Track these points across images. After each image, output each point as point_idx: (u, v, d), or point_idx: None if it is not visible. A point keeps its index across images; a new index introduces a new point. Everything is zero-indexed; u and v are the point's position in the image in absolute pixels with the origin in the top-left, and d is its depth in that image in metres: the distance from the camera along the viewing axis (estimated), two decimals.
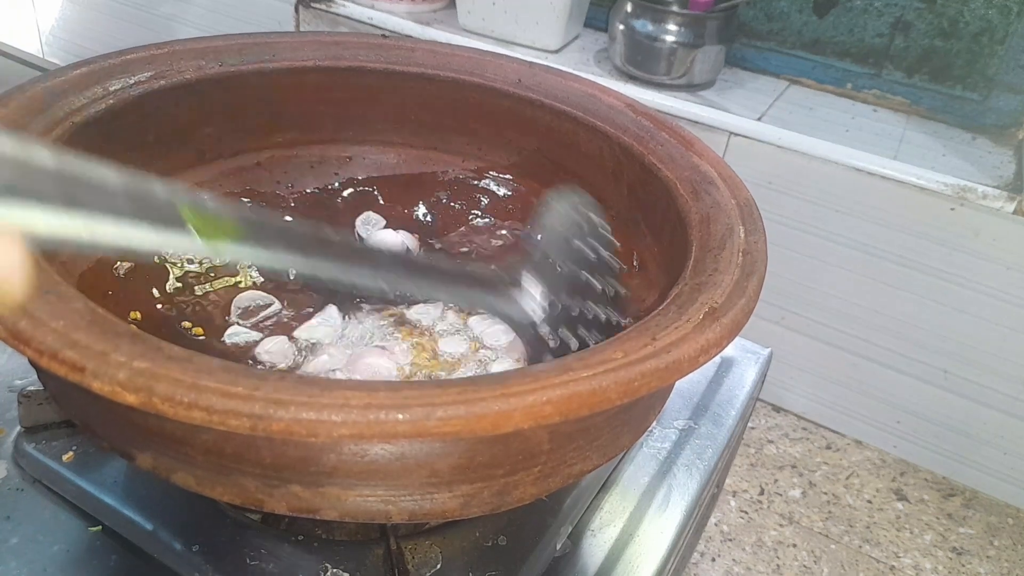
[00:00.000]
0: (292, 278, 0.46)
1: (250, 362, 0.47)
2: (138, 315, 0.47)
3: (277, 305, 0.51)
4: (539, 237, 0.38)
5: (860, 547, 1.20)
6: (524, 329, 0.37)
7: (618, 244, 0.43)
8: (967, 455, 1.30)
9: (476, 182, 0.61)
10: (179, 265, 0.52)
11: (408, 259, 0.31)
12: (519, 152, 0.59)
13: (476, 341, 0.49)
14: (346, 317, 0.50)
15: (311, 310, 0.50)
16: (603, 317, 0.40)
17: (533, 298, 0.36)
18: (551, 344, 0.37)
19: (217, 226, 0.23)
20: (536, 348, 0.38)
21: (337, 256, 0.28)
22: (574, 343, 0.38)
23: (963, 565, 1.19)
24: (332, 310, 0.50)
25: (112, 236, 0.20)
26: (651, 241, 0.51)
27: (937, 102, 1.36)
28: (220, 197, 0.55)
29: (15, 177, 0.17)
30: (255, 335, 0.49)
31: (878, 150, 1.20)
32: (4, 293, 0.16)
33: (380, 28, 1.45)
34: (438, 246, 0.59)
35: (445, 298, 0.34)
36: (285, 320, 0.50)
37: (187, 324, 0.48)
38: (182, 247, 0.23)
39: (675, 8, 1.32)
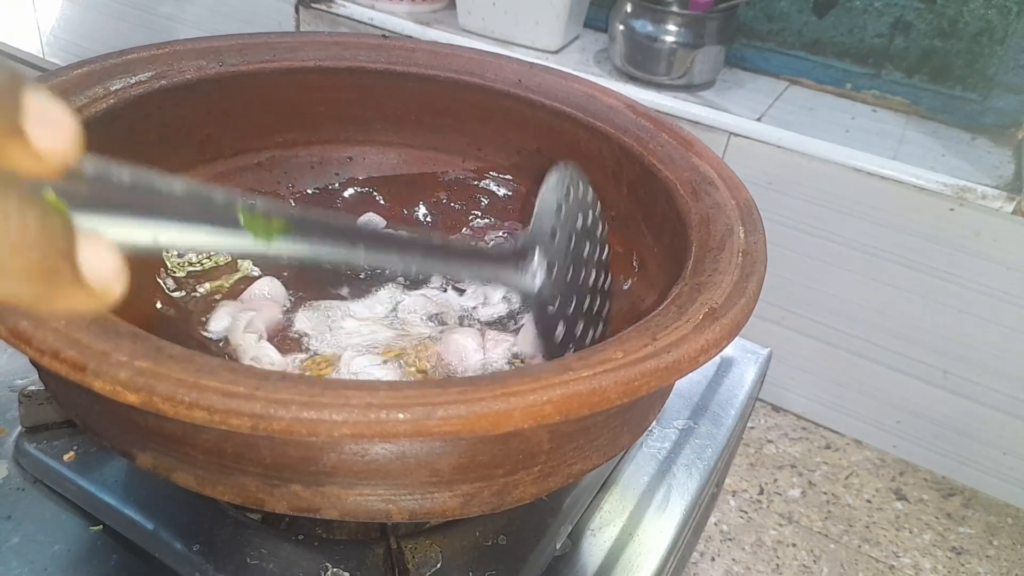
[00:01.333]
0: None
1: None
2: None
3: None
4: (540, 213, 0.40)
5: (859, 547, 1.20)
6: (529, 299, 0.38)
7: (600, 213, 0.45)
8: (967, 455, 1.30)
9: (476, 182, 0.61)
10: (182, 265, 0.52)
11: (425, 241, 0.34)
12: (519, 152, 0.59)
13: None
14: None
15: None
16: (592, 280, 0.43)
17: (538, 271, 0.38)
18: (550, 310, 0.39)
19: (268, 225, 0.25)
20: (541, 317, 0.39)
21: (370, 243, 0.30)
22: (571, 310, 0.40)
23: (962, 565, 1.20)
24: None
25: (180, 241, 0.23)
26: (651, 241, 0.51)
27: (937, 102, 1.36)
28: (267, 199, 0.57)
29: (97, 193, 0.20)
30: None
31: (878, 150, 1.20)
32: (109, 297, 0.18)
33: (380, 28, 1.45)
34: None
35: (462, 274, 0.37)
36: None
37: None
38: (239, 247, 0.25)
39: (675, 8, 1.32)
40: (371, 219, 0.59)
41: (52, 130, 0.16)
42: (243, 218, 0.24)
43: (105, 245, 0.18)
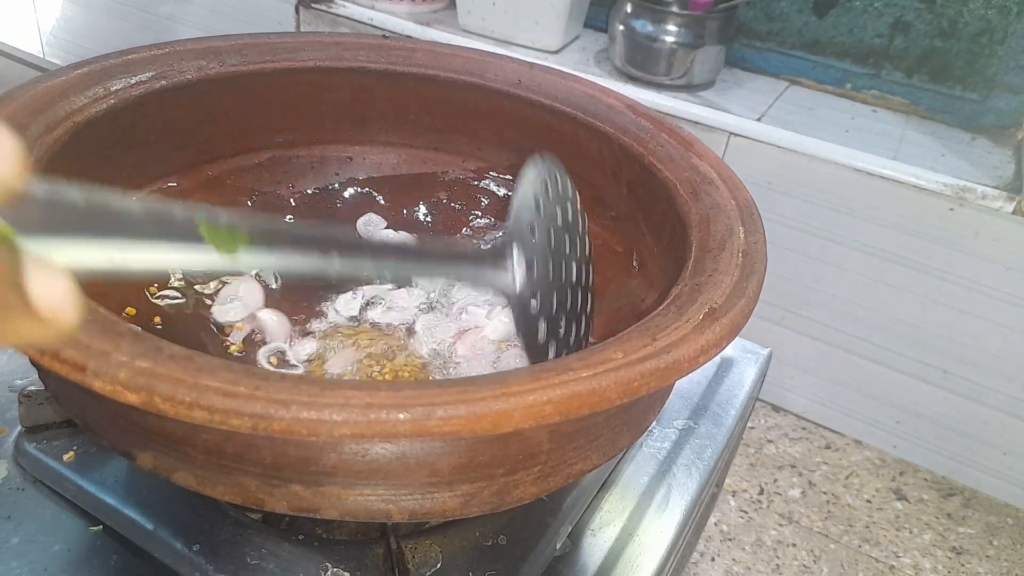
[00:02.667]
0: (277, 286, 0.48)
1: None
2: (133, 311, 0.47)
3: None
4: (518, 209, 0.38)
5: (860, 547, 1.20)
6: (510, 299, 0.38)
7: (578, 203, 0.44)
8: (967, 455, 1.30)
9: (476, 182, 0.61)
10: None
11: (402, 247, 0.34)
12: (519, 152, 0.59)
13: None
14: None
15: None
16: (574, 276, 0.41)
17: (517, 269, 0.37)
18: (532, 309, 0.38)
19: (232, 239, 0.24)
20: (522, 316, 0.38)
21: (343, 252, 0.30)
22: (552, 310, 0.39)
23: (962, 565, 1.20)
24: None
25: (140, 261, 0.22)
26: (651, 241, 0.51)
27: (937, 102, 1.36)
28: (230, 208, 0.55)
29: (49, 217, 0.19)
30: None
31: (878, 150, 1.20)
32: (62, 324, 0.17)
33: (380, 29, 1.45)
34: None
35: (440, 276, 0.36)
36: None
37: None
38: (203, 263, 0.24)
39: (675, 8, 1.32)
40: (371, 219, 0.59)
41: None
42: (205, 232, 0.23)
43: (55, 271, 0.17)
